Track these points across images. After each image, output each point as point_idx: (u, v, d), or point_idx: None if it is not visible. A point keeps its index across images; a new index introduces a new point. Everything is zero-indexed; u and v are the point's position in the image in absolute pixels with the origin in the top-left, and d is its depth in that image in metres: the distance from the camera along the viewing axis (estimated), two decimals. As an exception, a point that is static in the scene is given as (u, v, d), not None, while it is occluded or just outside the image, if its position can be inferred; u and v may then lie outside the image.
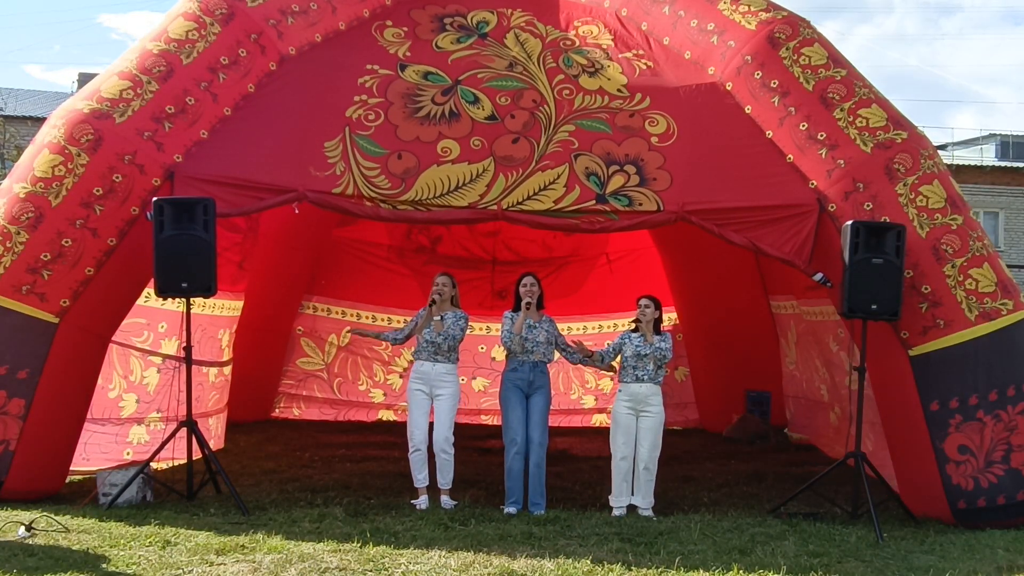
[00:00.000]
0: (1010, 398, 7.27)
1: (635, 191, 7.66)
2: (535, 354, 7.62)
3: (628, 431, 7.54)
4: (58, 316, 7.28)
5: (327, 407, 12.48)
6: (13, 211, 7.35)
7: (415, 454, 7.56)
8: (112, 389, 8.56)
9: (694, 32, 8.34)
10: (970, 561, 6.29)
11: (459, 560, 5.87)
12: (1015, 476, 7.22)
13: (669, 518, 7.28)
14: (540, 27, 8.63)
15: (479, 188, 7.62)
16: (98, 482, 7.49)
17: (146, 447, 8.42)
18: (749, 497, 8.31)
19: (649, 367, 7.56)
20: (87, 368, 7.58)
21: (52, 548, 6.00)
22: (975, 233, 7.52)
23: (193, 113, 7.59)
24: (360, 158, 7.62)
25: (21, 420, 7.21)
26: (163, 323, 8.83)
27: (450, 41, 8.40)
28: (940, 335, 7.32)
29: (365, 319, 12.44)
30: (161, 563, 5.74)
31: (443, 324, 7.57)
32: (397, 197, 7.58)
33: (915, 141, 7.70)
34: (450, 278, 7.78)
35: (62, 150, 7.39)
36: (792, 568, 5.98)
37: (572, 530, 6.79)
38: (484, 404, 12.28)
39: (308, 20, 8.25)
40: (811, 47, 7.97)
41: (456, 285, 7.85)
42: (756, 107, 7.92)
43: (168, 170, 7.44)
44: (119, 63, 7.84)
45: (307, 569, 5.66)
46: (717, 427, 12.03)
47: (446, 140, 7.71)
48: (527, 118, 7.86)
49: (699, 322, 12.01)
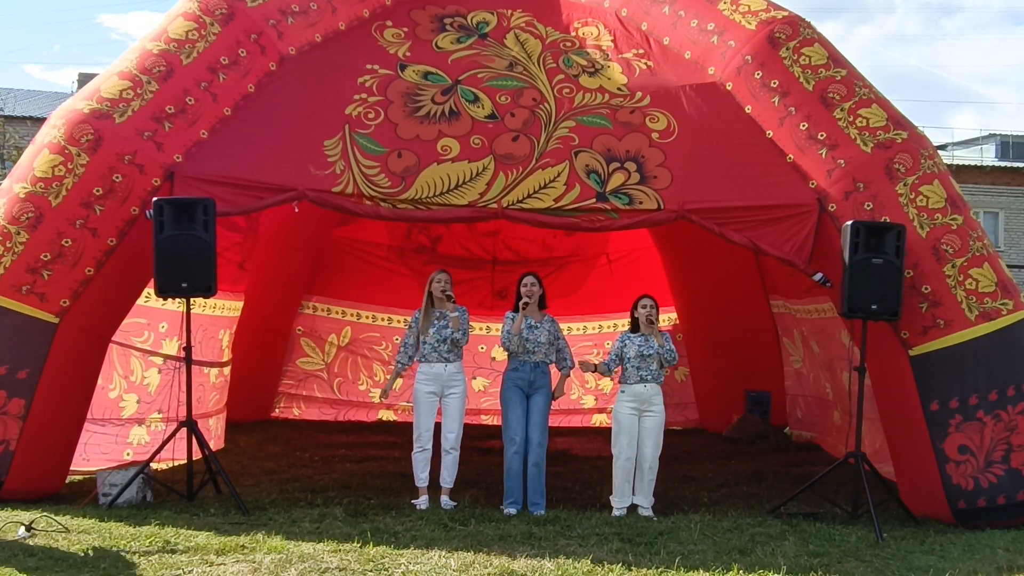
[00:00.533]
0: (1010, 398, 7.27)
1: (635, 189, 7.66)
2: (536, 354, 7.61)
3: (631, 432, 7.54)
4: (58, 316, 7.27)
5: (327, 407, 12.48)
6: (13, 211, 7.35)
7: (421, 454, 7.56)
8: (113, 389, 8.56)
9: (694, 32, 8.34)
10: (970, 561, 6.28)
11: (459, 560, 5.87)
12: (1015, 476, 7.22)
13: (669, 518, 7.27)
14: (540, 28, 8.63)
15: (479, 186, 7.61)
16: (98, 482, 7.49)
17: (147, 447, 8.42)
18: (749, 497, 8.31)
19: (652, 367, 7.56)
20: (87, 368, 7.58)
21: (52, 548, 6.00)
22: (975, 233, 7.52)
23: (193, 113, 7.59)
24: (360, 157, 7.61)
25: (21, 420, 7.21)
26: (164, 323, 8.83)
27: (450, 41, 8.40)
28: (940, 335, 7.31)
29: (365, 319, 12.44)
30: (161, 563, 5.73)
31: (459, 320, 7.59)
32: (397, 196, 7.57)
33: (915, 141, 7.70)
34: (448, 275, 7.79)
35: (62, 150, 7.38)
36: (792, 568, 5.98)
37: (572, 530, 6.79)
38: (484, 404, 12.28)
39: (308, 20, 8.26)
40: (811, 47, 7.97)
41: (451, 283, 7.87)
42: (756, 107, 7.92)
43: (168, 170, 7.44)
44: (119, 63, 7.84)
45: (307, 569, 5.66)
46: (717, 427, 12.03)
47: (446, 138, 7.71)
48: (527, 116, 7.85)
49: (699, 322, 12.02)
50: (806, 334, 10.63)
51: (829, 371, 10.09)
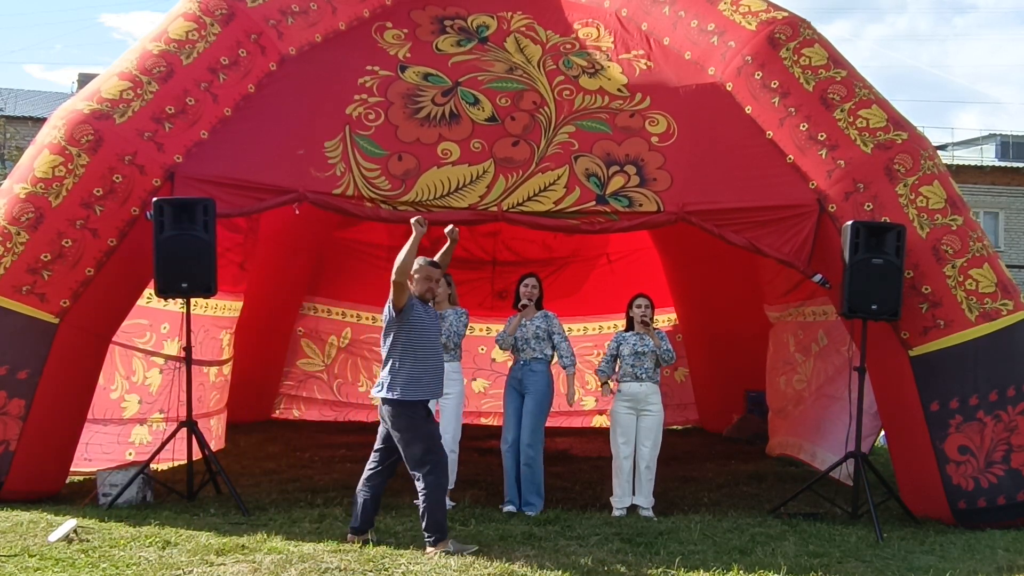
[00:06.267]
0: (1010, 398, 7.27)
1: (635, 192, 7.66)
2: (525, 351, 7.66)
3: (628, 431, 7.55)
4: (58, 316, 7.28)
5: (327, 408, 12.49)
6: (13, 211, 7.35)
7: None
8: (114, 390, 8.56)
9: (694, 32, 8.34)
10: (970, 561, 6.29)
11: (459, 560, 5.87)
12: (1015, 476, 7.22)
13: (669, 518, 7.28)
14: (540, 31, 8.62)
15: (479, 189, 7.62)
16: (98, 482, 7.49)
17: (148, 447, 8.42)
18: (749, 497, 8.32)
19: (648, 365, 7.57)
20: (87, 368, 7.58)
21: (52, 548, 6.00)
22: (975, 234, 7.52)
23: (193, 113, 7.60)
24: (360, 159, 7.62)
25: (21, 420, 7.21)
26: (165, 324, 8.83)
27: (450, 44, 8.40)
28: (940, 335, 7.32)
29: (365, 320, 12.45)
30: (161, 563, 5.73)
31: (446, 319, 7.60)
32: (397, 198, 7.58)
33: (915, 142, 7.70)
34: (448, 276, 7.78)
35: (62, 150, 7.39)
36: (792, 568, 5.98)
37: (572, 530, 6.79)
38: (484, 406, 12.29)
39: (308, 20, 8.26)
40: (811, 48, 7.97)
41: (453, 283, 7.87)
42: (756, 107, 7.92)
43: (168, 170, 7.44)
44: (119, 63, 7.84)
45: (307, 569, 5.66)
46: (717, 427, 12.04)
47: (446, 142, 7.71)
48: (527, 120, 7.85)
49: (699, 322, 12.02)
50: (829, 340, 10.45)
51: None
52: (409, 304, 6.15)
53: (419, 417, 6.15)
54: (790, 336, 10.17)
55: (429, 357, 6.20)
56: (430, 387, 6.20)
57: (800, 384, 10.19)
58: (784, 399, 10.40)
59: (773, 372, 10.58)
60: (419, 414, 6.15)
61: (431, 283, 6.32)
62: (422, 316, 6.22)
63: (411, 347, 6.13)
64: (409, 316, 6.15)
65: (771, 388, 10.59)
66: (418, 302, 6.25)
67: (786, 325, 10.25)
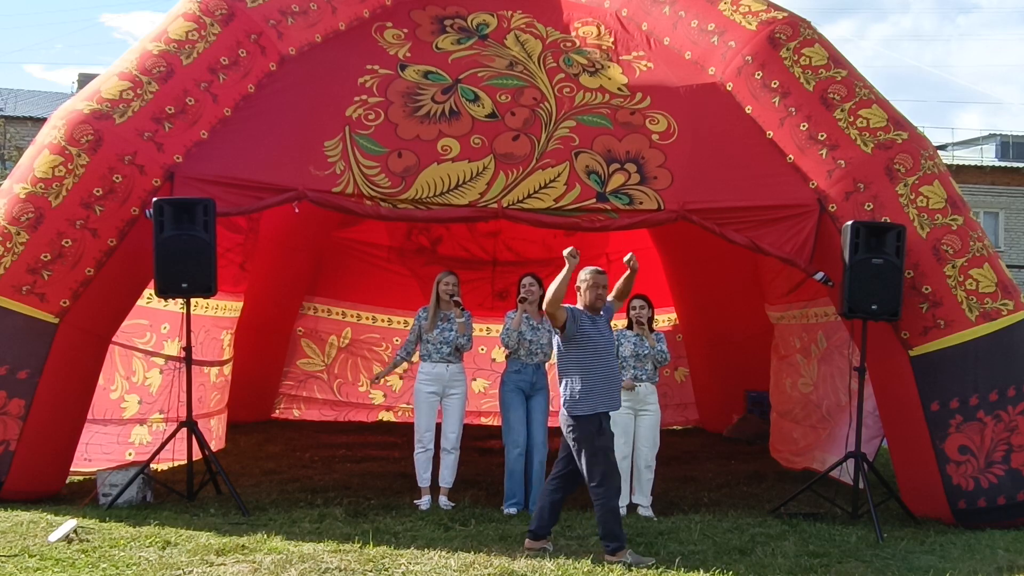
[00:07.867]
0: (1010, 398, 7.27)
1: (635, 189, 7.66)
2: (538, 356, 7.64)
3: (627, 431, 7.55)
4: (58, 316, 7.27)
5: (327, 408, 12.48)
6: (13, 211, 7.35)
7: (423, 454, 7.58)
8: (114, 390, 8.56)
9: (694, 32, 8.35)
10: (970, 561, 6.28)
11: (459, 560, 5.87)
12: (1015, 476, 7.22)
13: (669, 518, 7.28)
14: (540, 28, 8.63)
15: (479, 186, 7.62)
16: (98, 482, 7.49)
17: (149, 448, 8.41)
18: (749, 497, 8.32)
19: (648, 366, 7.60)
20: (87, 368, 7.58)
21: (52, 548, 6.00)
22: (975, 234, 7.52)
23: (193, 113, 7.59)
24: (360, 157, 7.62)
25: (21, 420, 7.21)
26: (166, 324, 8.83)
27: (450, 42, 8.40)
28: (940, 335, 7.31)
29: (365, 320, 12.44)
30: (161, 563, 5.73)
31: (466, 327, 7.66)
32: (397, 196, 7.57)
33: (915, 141, 7.70)
34: (456, 277, 7.80)
35: (62, 151, 7.38)
36: (792, 568, 5.98)
37: (572, 530, 6.79)
38: (484, 406, 12.27)
39: (308, 20, 8.25)
40: (811, 47, 7.97)
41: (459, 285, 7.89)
42: (757, 107, 7.92)
43: (168, 170, 7.44)
44: (119, 64, 7.84)
45: (307, 570, 5.66)
46: (717, 427, 12.03)
47: (446, 138, 7.71)
48: (527, 115, 7.86)
49: (699, 322, 12.01)
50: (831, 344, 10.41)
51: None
52: (571, 318, 6.18)
53: (592, 431, 6.11)
54: (795, 338, 10.13)
55: (600, 369, 6.19)
56: (603, 399, 6.18)
57: (806, 387, 10.17)
58: (790, 402, 10.37)
59: (779, 374, 10.50)
60: (592, 428, 6.12)
61: (598, 289, 6.36)
62: (588, 328, 6.23)
63: (581, 362, 6.16)
64: (575, 332, 6.17)
65: (776, 390, 10.53)
66: (585, 315, 6.28)
67: (790, 327, 10.21)
